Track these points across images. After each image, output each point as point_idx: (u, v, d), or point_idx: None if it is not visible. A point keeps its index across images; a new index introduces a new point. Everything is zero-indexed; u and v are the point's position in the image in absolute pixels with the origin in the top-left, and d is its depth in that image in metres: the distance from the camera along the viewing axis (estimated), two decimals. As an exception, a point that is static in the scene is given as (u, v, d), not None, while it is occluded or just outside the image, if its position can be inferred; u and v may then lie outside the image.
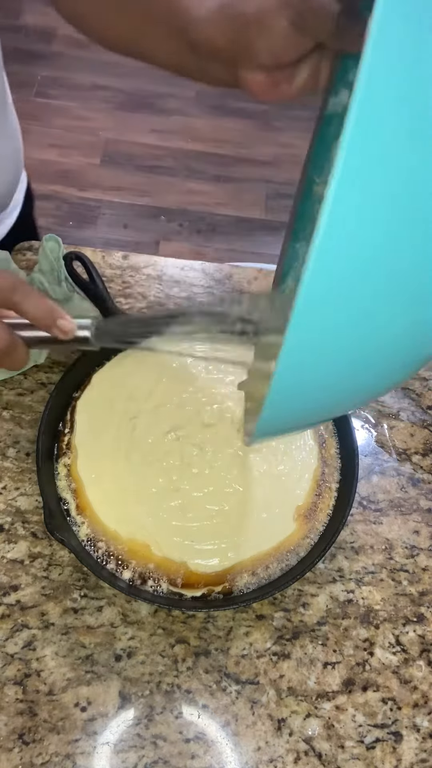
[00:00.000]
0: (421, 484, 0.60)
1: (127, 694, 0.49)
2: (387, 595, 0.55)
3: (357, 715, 0.49)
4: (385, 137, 0.21)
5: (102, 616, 0.52)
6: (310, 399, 0.29)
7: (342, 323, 0.24)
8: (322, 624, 0.53)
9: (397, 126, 0.21)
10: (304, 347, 0.24)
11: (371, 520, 0.58)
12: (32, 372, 0.64)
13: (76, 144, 1.93)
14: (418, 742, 0.49)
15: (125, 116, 2.03)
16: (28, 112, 1.92)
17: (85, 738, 0.47)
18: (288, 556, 0.52)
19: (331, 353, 0.26)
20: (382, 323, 0.25)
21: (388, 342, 0.26)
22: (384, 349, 0.27)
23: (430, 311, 0.26)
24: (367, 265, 0.23)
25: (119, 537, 0.52)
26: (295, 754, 0.48)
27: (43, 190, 1.80)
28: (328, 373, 0.27)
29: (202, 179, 1.91)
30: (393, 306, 0.25)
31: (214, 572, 0.51)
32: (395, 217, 0.22)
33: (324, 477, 0.56)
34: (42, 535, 0.55)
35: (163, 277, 0.72)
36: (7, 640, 0.50)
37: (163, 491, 0.54)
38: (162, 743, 0.47)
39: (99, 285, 0.62)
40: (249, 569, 0.51)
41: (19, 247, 0.73)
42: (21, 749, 0.47)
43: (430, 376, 0.67)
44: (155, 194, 1.86)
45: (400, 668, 0.52)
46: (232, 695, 0.49)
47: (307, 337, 0.24)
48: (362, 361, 0.27)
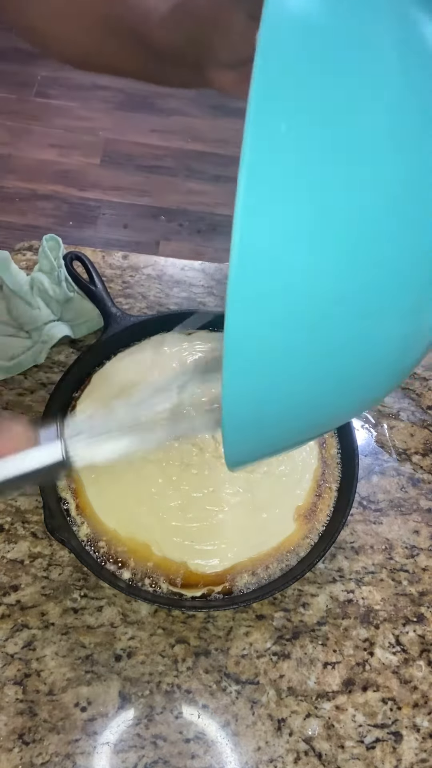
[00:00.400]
0: (421, 484, 0.60)
1: (127, 694, 0.49)
2: (387, 595, 0.55)
3: (357, 715, 0.49)
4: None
5: (102, 616, 0.52)
6: (268, 427, 0.27)
7: (273, 351, 0.23)
8: (322, 624, 0.53)
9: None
10: (242, 378, 0.23)
11: (371, 520, 0.58)
12: (32, 372, 0.64)
13: (76, 144, 1.93)
14: (418, 742, 0.49)
15: (125, 116, 2.03)
16: (28, 112, 1.92)
17: (85, 738, 0.47)
18: (288, 556, 0.52)
19: (272, 379, 0.24)
20: (313, 345, 0.23)
21: (332, 368, 0.25)
22: (332, 372, 0.25)
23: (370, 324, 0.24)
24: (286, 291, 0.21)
25: (119, 537, 0.52)
26: (295, 754, 0.48)
27: (43, 190, 1.80)
28: (278, 398, 0.25)
29: (202, 179, 1.91)
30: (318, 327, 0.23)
31: (214, 572, 0.51)
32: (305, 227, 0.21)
33: (324, 477, 0.56)
34: (42, 535, 0.55)
35: (163, 277, 0.72)
36: (7, 640, 0.50)
37: (163, 491, 0.54)
38: (162, 743, 0.47)
39: (99, 285, 0.62)
40: (249, 569, 0.51)
41: (19, 247, 0.73)
42: (21, 749, 0.47)
43: (430, 376, 0.67)
44: (155, 194, 1.86)
45: (400, 668, 0.52)
46: (232, 695, 0.49)
47: (242, 368, 0.23)
48: (312, 386, 0.25)
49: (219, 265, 0.74)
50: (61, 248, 0.65)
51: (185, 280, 0.72)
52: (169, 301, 0.70)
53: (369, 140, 0.21)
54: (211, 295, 0.71)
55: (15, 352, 0.62)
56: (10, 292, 0.62)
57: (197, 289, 0.71)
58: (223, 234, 1.80)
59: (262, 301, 0.22)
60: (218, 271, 0.73)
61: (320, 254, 0.21)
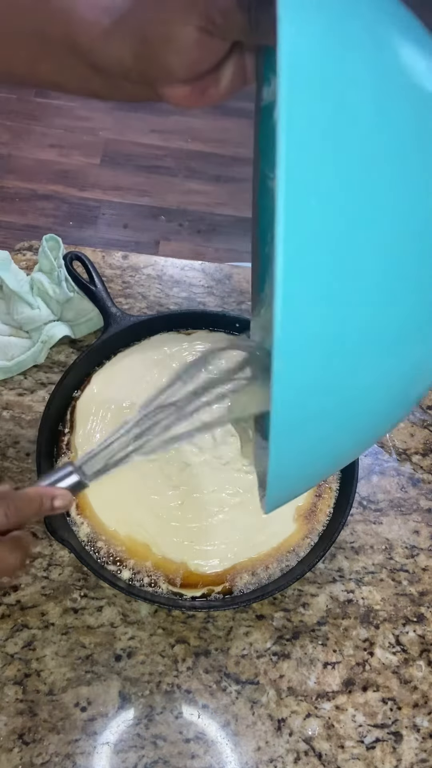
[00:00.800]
0: (421, 484, 0.60)
1: (127, 694, 0.49)
2: (387, 595, 0.54)
3: (357, 715, 0.49)
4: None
5: (102, 616, 0.52)
6: (309, 471, 0.29)
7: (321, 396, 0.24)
8: (322, 624, 0.53)
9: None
10: (289, 438, 0.24)
11: (371, 520, 0.58)
12: (32, 372, 0.64)
13: (76, 144, 1.93)
14: (418, 742, 0.49)
15: (125, 116, 2.03)
16: (28, 112, 1.92)
17: (85, 738, 0.47)
18: (288, 557, 0.52)
19: (317, 433, 0.25)
20: (364, 374, 0.24)
21: (375, 391, 0.25)
22: (372, 398, 0.26)
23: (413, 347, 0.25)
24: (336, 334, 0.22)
25: (119, 537, 0.52)
26: (295, 754, 0.48)
27: (43, 190, 1.80)
28: (320, 444, 0.26)
29: (202, 179, 1.91)
30: (372, 358, 0.24)
31: (214, 572, 0.51)
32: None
33: (331, 475, 0.56)
34: (42, 535, 0.55)
35: (163, 277, 0.72)
36: (7, 640, 0.50)
37: (163, 492, 0.54)
38: (162, 743, 0.47)
39: (99, 285, 0.62)
40: (249, 569, 0.51)
41: (19, 247, 0.73)
42: (21, 749, 0.47)
43: (430, 376, 0.67)
44: (155, 194, 1.86)
45: (400, 668, 0.52)
46: (232, 695, 0.49)
47: (289, 432, 0.24)
48: (349, 423, 0.26)
49: (219, 265, 0.74)
50: (61, 248, 0.65)
51: (185, 280, 0.72)
52: (169, 301, 0.70)
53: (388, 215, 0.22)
54: (211, 295, 0.71)
55: (15, 352, 0.62)
56: (10, 292, 0.62)
57: (197, 289, 0.71)
58: (223, 234, 1.80)
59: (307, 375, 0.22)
60: (218, 271, 0.73)
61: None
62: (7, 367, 0.62)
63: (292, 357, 0.21)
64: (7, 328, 0.63)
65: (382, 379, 0.25)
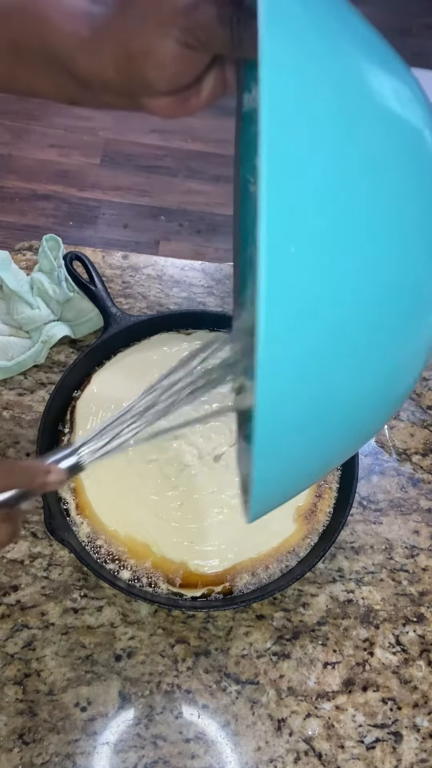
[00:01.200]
0: (421, 484, 0.60)
1: (127, 694, 0.49)
2: (387, 595, 0.54)
3: (357, 715, 0.49)
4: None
5: (102, 616, 0.52)
6: (294, 479, 0.29)
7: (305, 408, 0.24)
8: (322, 624, 0.53)
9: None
10: (273, 446, 0.24)
11: (371, 520, 0.58)
12: (32, 372, 0.64)
13: (76, 144, 1.92)
14: (418, 742, 0.49)
15: (125, 116, 2.03)
16: (28, 112, 1.92)
17: (85, 738, 0.47)
18: (288, 557, 0.52)
19: (301, 437, 0.25)
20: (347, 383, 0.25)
21: (360, 393, 0.26)
22: (356, 404, 0.26)
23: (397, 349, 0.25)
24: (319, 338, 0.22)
25: (119, 537, 0.52)
26: (295, 754, 0.48)
27: (43, 190, 1.80)
28: (305, 454, 0.26)
29: (202, 179, 1.91)
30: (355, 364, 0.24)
31: (214, 572, 0.51)
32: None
33: (324, 477, 0.56)
34: (42, 535, 0.55)
35: (163, 277, 0.72)
36: (7, 640, 0.50)
37: (163, 492, 0.54)
38: (162, 743, 0.47)
39: (99, 285, 0.62)
40: (249, 569, 0.51)
41: (19, 247, 0.73)
42: (21, 749, 0.47)
43: (430, 375, 0.67)
44: (155, 194, 1.86)
45: (400, 668, 0.52)
46: (232, 695, 0.49)
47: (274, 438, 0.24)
48: (336, 426, 0.26)
49: (219, 265, 0.74)
50: (61, 248, 0.65)
51: (185, 280, 0.72)
52: (169, 301, 0.70)
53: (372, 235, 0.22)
54: (211, 295, 0.71)
55: (15, 352, 0.62)
56: (10, 292, 0.62)
57: (197, 289, 0.71)
58: (223, 234, 1.80)
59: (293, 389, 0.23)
60: (218, 271, 0.73)
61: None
62: (7, 367, 0.62)
63: (275, 365, 0.21)
64: (7, 328, 0.63)
65: (366, 382, 0.25)
